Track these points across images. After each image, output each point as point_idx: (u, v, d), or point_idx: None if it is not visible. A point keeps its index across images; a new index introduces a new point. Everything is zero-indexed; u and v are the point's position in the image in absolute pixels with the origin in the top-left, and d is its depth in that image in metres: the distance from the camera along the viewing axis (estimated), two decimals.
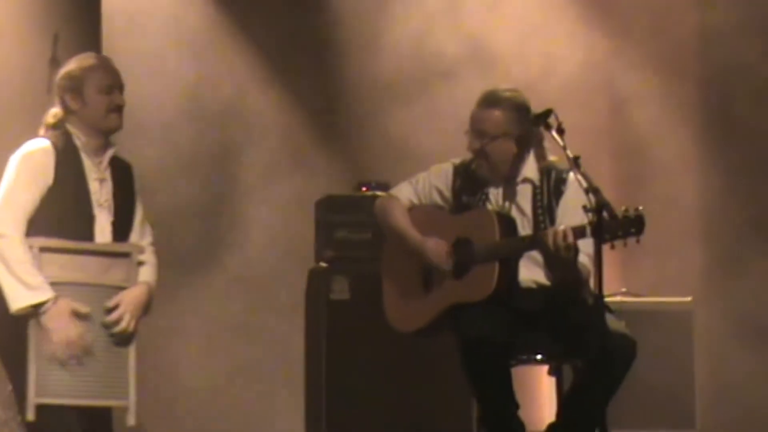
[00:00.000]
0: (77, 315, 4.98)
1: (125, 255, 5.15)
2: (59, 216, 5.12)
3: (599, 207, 5.01)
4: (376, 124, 7.82)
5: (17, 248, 4.96)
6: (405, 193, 5.66)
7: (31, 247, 5.00)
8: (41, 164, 5.10)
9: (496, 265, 5.33)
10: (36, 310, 4.94)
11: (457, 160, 5.63)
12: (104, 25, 7.45)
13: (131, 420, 5.08)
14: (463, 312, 5.35)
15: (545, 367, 5.75)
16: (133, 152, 6.29)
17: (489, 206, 5.52)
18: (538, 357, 5.63)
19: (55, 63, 6.97)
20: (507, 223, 5.44)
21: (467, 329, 5.30)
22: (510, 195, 5.53)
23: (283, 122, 8.06)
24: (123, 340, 5.10)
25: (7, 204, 5.03)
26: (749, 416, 7.33)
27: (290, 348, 7.08)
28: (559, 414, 5.46)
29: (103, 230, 5.19)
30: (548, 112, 5.29)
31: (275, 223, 7.80)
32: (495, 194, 5.54)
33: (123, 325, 5.07)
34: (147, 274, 5.24)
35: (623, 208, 5.04)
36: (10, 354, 5.04)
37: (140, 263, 5.23)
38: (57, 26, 7.09)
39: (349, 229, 6.63)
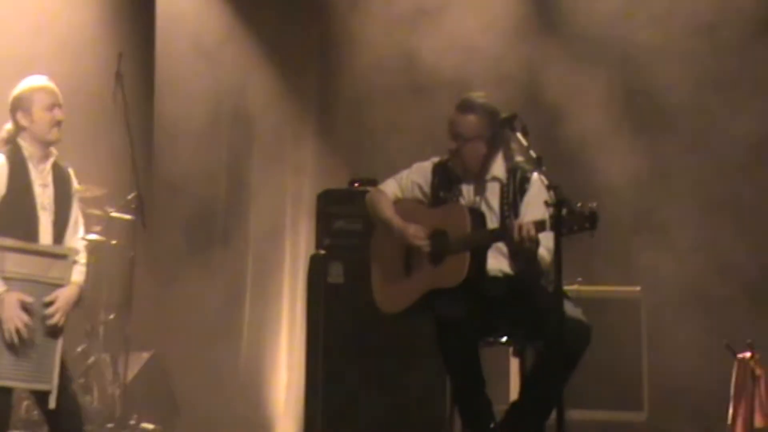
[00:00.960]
0: (24, 307, 5.36)
1: (63, 257, 5.52)
2: (10, 219, 5.47)
3: (559, 203, 5.30)
4: (366, 125, 8.14)
5: None
6: (390, 188, 6.04)
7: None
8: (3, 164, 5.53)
9: (468, 255, 5.68)
10: None
11: (437, 159, 5.99)
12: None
13: (52, 403, 5.38)
14: (438, 296, 5.73)
15: (510, 349, 6.09)
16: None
17: (462, 201, 5.87)
18: (503, 339, 5.93)
19: (119, 77, 7.62)
20: (477, 216, 5.79)
21: (441, 311, 5.68)
22: (480, 191, 5.88)
23: (283, 121, 8.45)
24: (54, 331, 5.44)
25: None
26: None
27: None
28: (521, 392, 5.78)
29: (45, 230, 5.54)
30: (513, 116, 5.61)
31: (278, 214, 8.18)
32: (467, 190, 5.90)
33: (56, 318, 5.43)
34: (78, 274, 5.58)
35: (578, 204, 5.31)
36: None
37: (74, 263, 5.57)
38: (121, 45, 7.74)
39: (345, 219, 6.94)
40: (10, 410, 5.55)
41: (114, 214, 7.91)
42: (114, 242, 7.91)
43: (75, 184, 5.76)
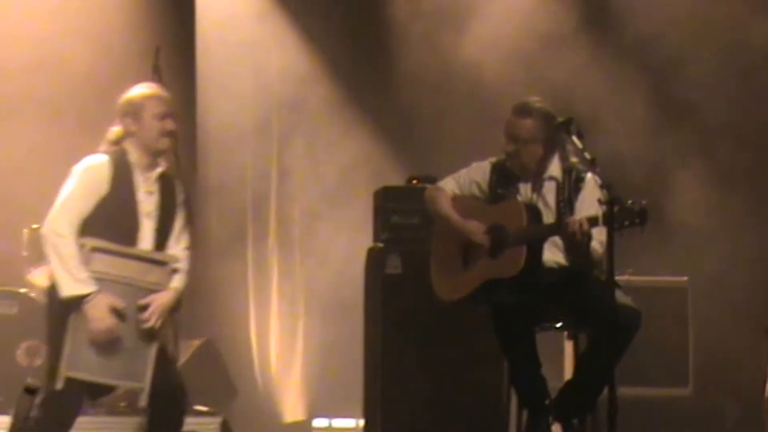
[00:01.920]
0: (113, 309, 5.48)
1: (163, 263, 5.65)
2: (109, 221, 5.56)
3: (611, 201, 5.76)
4: (426, 123, 8.53)
5: (70, 247, 5.46)
6: (449, 185, 6.41)
7: (83, 246, 5.48)
8: (98, 177, 5.57)
9: (524, 248, 6.11)
10: (80, 299, 5.44)
11: (494, 159, 6.38)
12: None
13: (143, 401, 5.56)
14: (496, 285, 6.16)
15: (565, 333, 6.56)
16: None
17: (519, 198, 6.28)
18: (558, 325, 6.40)
19: (157, 70, 7.89)
20: (534, 212, 6.22)
21: (500, 299, 6.14)
22: (537, 189, 6.29)
23: (343, 120, 8.79)
24: (148, 334, 5.59)
25: (66, 209, 5.50)
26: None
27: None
28: (575, 373, 6.24)
29: (145, 236, 5.63)
30: (569, 120, 6.07)
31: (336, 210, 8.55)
32: (524, 188, 6.30)
33: (150, 323, 5.56)
34: (177, 281, 5.68)
35: (629, 201, 5.75)
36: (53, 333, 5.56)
37: (175, 270, 5.68)
38: (160, 43, 7.98)
39: (402, 215, 7.32)
40: (78, 405, 5.66)
41: None
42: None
43: (182, 195, 5.83)
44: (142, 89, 5.76)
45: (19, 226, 7.67)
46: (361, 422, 7.38)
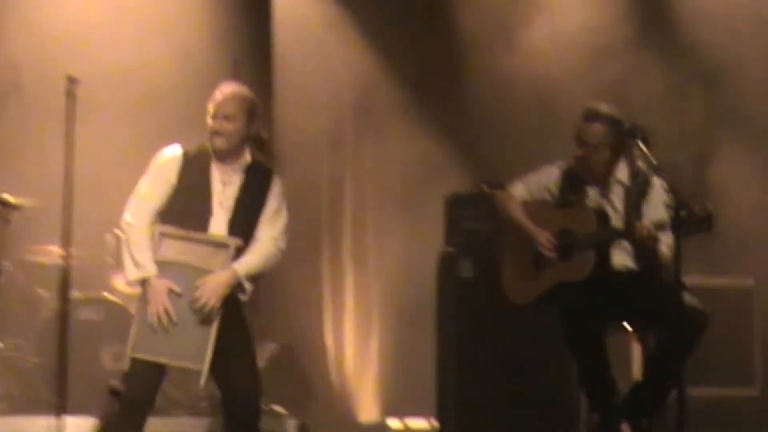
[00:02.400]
0: (172, 292, 5.59)
1: (224, 246, 5.67)
2: (182, 209, 5.70)
3: (678, 205, 5.89)
4: (495, 129, 8.65)
5: (136, 233, 5.65)
6: (519, 190, 6.54)
7: (154, 233, 5.64)
8: (167, 167, 5.75)
9: (593, 252, 6.26)
10: (142, 282, 5.63)
11: (563, 163, 6.49)
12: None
13: (201, 382, 5.62)
14: (566, 288, 6.29)
15: (633, 335, 6.66)
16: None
17: (588, 202, 6.39)
18: (627, 327, 6.51)
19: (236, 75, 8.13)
20: (602, 217, 6.35)
21: (569, 302, 6.26)
22: (605, 194, 6.40)
23: (412, 127, 8.93)
24: (205, 315, 5.61)
25: (136, 198, 5.71)
26: None
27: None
28: (644, 374, 6.34)
29: (218, 226, 5.72)
30: (636, 126, 6.19)
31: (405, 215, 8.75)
32: (593, 192, 6.41)
33: (201, 303, 5.59)
34: (240, 261, 5.68)
35: (696, 206, 5.87)
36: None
37: (239, 252, 5.68)
38: (238, 52, 8.24)
39: (472, 220, 7.49)
40: (156, 385, 5.74)
41: None
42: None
43: (276, 191, 5.86)
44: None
45: (103, 233, 7.91)
46: (435, 422, 7.55)
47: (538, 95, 8.71)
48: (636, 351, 6.84)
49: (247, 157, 5.86)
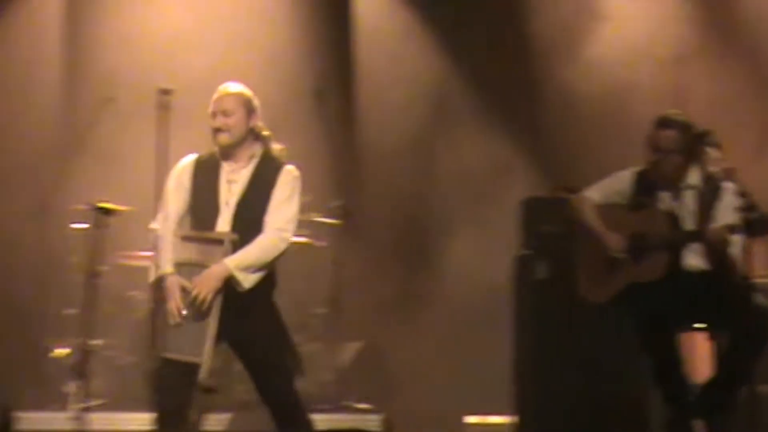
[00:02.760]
0: (184, 290, 5.81)
1: (219, 241, 5.86)
2: (194, 211, 6.00)
3: (748, 208, 6.11)
4: (569, 134, 8.80)
5: (158, 238, 5.93)
6: (593, 194, 6.74)
7: (175, 236, 5.91)
8: (181, 174, 6.05)
9: (666, 254, 6.45)
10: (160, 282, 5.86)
11: (636, 168, 6.67)
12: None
13: (201, 375, 5.75)
14: (639, 289, 6.48)
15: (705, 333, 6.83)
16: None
17: (660, 206, 6.57)
18: (699, 326, 6.69)
19: (320, 95, 8.43)
20: (674, 220, 6.53)
21: (643, 302, 6.45)
22: (677, 198, 6.58)
23: (487, 132, 9.13)
24: (199, 309, 5.79)
25: (162, 206, 6.00)
26: None
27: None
28: (716, 372, 6.49)
29: (224, 222, 5.92)
30: (707, 132, 6.45)
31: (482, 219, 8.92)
32: (665, 197, 6.58)
33: (193, 296, 5.78)
34: (234, 255, 5.83)
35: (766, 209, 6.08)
36: None
37: (234, 245, 5.83)
38: (322, 63, 8.50)
39: (548, 223, 7.65)
40: (184, 385, 5.87)
41: (320, 219, 8.75)
42: (322, 244, 8.82)
43: (283, 181, 6.01)
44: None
45: None
46: (512, 418, 7.75)
47: (609, 101, 8.84)
48: (701, 349, 6.99)
49: (255, 153, 6.09)
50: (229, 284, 5.86)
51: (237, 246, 5.88)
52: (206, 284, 5.82)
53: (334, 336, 8.67)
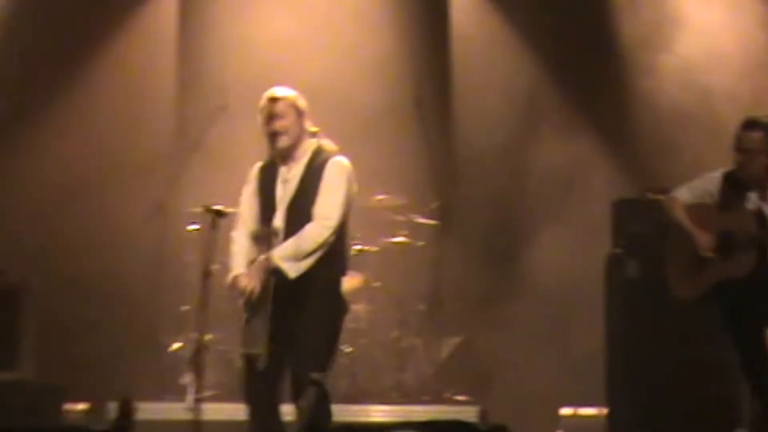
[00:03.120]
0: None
1: (265, 236, 6.15)
2: (261, 214, 6.27)
3: None
4: (655, 136, 8.97)
5: (232, 242, 6.30)
6: (683, 194, 6.96)
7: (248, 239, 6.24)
8: (250, 179, 6.37)
9: (754, 252, 6.66)
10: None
11: (724, 170, 6.87)
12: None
13: (259, 365, 6.01)
14: (728, 286, 6.71)
15: None
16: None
17: (748, 206, 6.76)
18: None
19: (419, 102, 8.69)
20: (762, 219, 6.72)
21: (730, 299, 6.71)
22: (764, 197, 6.77)
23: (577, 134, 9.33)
24: (257, 303, 6.08)
25: (239, 212, 6.38)
26: None
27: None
28: None
29: (279, 220, 6.15)
30: None
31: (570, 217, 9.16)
32: (753, 197, 6.78)
33: (241, 290, 6.12)
34: (278, 248, 6.07)
35: None
36: None
37: (277, 238, 6.08)
38: (420, 71, 8.77)
39: (639, 223, 7.86)
40: (258, 379, 6.12)
41: (419, 220, 9.11)
42: (421, 244, 9.15)
43: (329, 172, 6.21)
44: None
45: None
46: (605, 410, 7.98)
47: (692, 105, 8.98)
48: None
49: (307, 151, 6.29)
50: (280, 275, 6.07)
51: (284, 239, 6.11)
52: (252, 276, 6.10)
53: (434, 331, 9.00)
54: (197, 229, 8.43)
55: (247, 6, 9.72)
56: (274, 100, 6.29)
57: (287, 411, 6.20)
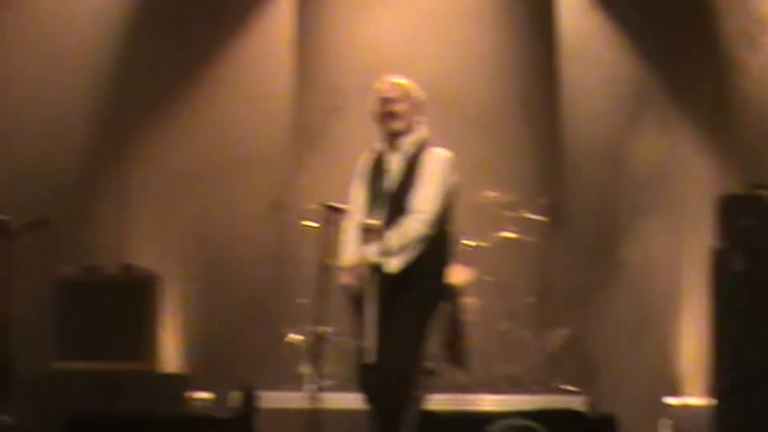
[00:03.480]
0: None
1: (369, 229, 6.26)
2: (368, 204, 6.37)
3: None
4: (761, 133, 8.99)
5: (342, 233, 6.47)
6: None
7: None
8: (359, 168, 6.49)
9: None
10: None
11: None
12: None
13: (369, 358, 6.14)
14: None
15: None
16: None
17: None
18: None
19: (528, 104, 8.86)
20: None
21: None
22: None
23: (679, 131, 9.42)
24: (361, 297, 6.20)
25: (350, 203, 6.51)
26: None
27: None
28: None
29: (383, 211, 6.24)
30: None
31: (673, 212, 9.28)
32: None
33: (345, 285, 6.33)
34: (378, 242, 6.16)
35: None
36: None
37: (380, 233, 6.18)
38: (528, 71, 8.92)
39: (744, 218, 7.93)
40: (368, 371, 6.26)
41: (528, 216, 9.35)
42: (530, 239, 9.39)
43: (426, 163, 6.30)
44: None
45: None
46: (710, 401, 8.09)
47: None
48: None
49: (411, 142, 6.36)
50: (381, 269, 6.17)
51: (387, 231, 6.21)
52: (357, 271, 6.25)
53: (542, 323, 9.23)
54: (314, 226, 8.65)
55: (362, 6, 9.96)
56: (391, 83, 6.41)
57: None
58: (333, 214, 6.84)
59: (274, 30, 9.91)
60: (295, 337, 9.19)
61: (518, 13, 10.00)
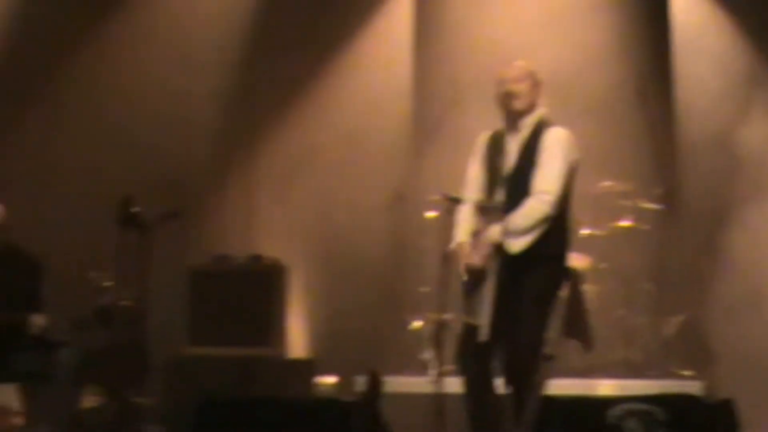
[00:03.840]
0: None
1: (488, 210, 6.27)
2: (486, 184, 6.34)
3: None
4: None
5: (458, 212, 6.46)
6: None
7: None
8: (477, 147, 6.45)
9: None
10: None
11: None
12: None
13: (481, 337, 6.12)
14: None
15: None
16: None
17: None
18: None
19: (640, 95, 9.00)
20: None
21: None
22: None
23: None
24: (479, 276, 6.20)
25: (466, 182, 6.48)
26: None
27: None
28: None
29: (501, 192, 6.21)
30: None
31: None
32: None
33: (466, 265, 6.28)
34: (500, 222, 6.14)
35: None
36: None
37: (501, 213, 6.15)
38: (641, 64, 9.08)
39: None
40: (474, 348, 6.22)
41: (644, 205, 9.46)
42: (646, 228, 9.53)
43: (547, 143, 6.26)
44: None
45: None
46: None
47: None
48: None
49: (531, 124, 6.35)
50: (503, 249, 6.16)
51: (506, 213, 6.20)
52: (478, 251, 6.22)
53: (658, 309, 9.37)
54: (435, 216, 8.83)
55: (480, 0, 10.06)
56: (512, 66, 6.48)
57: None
58: (453, 205, 6.96)
59: (395, 25, 10.17)
60: (416, 323, 9.37)
61: (632, 4, 10.05)
